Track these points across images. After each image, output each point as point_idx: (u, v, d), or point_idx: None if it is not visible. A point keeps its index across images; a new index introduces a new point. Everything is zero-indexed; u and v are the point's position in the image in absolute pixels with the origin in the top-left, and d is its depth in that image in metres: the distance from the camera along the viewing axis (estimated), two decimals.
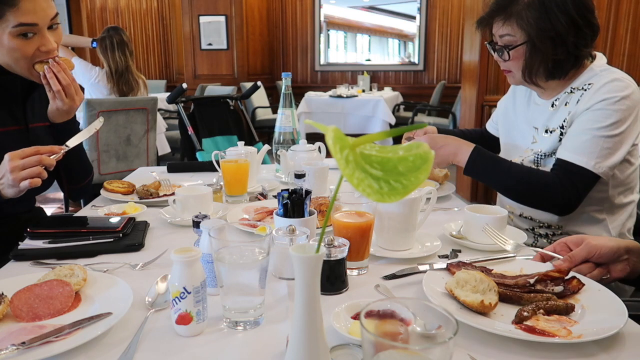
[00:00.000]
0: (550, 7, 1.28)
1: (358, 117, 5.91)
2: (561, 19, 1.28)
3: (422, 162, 0.46)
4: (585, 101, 1.32)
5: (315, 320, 0.58)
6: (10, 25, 1.23)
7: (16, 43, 1.25)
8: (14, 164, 1.13)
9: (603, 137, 1.28)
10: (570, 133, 1.34)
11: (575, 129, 1.33)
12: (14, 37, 1.24)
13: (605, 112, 1.28)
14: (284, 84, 1.87)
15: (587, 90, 1.33)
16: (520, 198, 1.39)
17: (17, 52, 1.26)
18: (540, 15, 1.29)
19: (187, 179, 1.83)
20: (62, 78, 1.32)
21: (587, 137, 1.29)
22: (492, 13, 1.38)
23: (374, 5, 7.81)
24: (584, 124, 1.31)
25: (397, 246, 1.13)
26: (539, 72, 1.37)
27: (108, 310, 0.82)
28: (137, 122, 3.36)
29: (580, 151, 1.29)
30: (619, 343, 0.77)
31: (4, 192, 1.18)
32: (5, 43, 1.25)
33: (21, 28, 1.24)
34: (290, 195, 1.04)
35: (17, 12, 1.22)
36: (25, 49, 1.26)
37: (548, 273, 0.93)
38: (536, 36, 1.31)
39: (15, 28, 1.23)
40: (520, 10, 1.31)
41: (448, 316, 0.54)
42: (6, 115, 1.37)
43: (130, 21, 8.05)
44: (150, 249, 1.17)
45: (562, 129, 1.37)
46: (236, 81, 6.95)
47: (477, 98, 3.99)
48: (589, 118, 1.30)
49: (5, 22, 1.23)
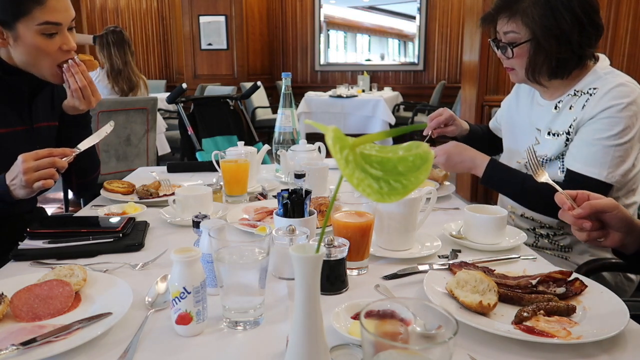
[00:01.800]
0: (556, 5, 1.28)
1: (358, 117, 5.91)
2: (566, 17, 1.28)
3: (422, 162, 0.46)
4: (591, 107, 1.31)
5: (315, 320, 0.58)
6: (36, 23, 1.25)
7: (39, 41, 1.27)
8: (27, 166, 1.13)
9: (613, 147, 1.27)
10: (578, 143, 1.33)
11: (583, 139, 1.32)
12: (38, 34, 1.27)
13: (612, 120, 1.27)
14: (284, 84, 1.87)
15: (593, 95, 1.32)
16: (534, 209, 1.43)
17: (40, 50, 1.28)
18: (546, 13, 1.29)
19: (187, 179, 1.83)
20: (79, 79, 1.36)
21: (597, 148, 1.28)
22: (497, 9, 1.37)
23: (374, 5, 7.81)
24: (593, 134, 1.30)
25: (397, 246, 1.13)
26: (542, 70, 1.36)
27: (108, 310, 0.82)
28: (137, 122, 3.36)
29: (591, 163, 1.29)
30: (620, 344, 0.77)
31: (15, 193, 1.19)
32: (28, 40, 1.27)
33: (46, 26, 1.27)
34: (290, 195, 1.04)
35: (43, 9, 1.25)
36: (48, 47, 1.29)
37: (550, 274, 0.93)
38: (541, 34, 1.30)
39: (41, 26, 1.26)
40: (526, 7, 1.31)
41: (448, 316, 0.54)
42: (13, 115, 1.38)
43: (130, 21, 8.05)
44: (150, 249, 1.17)
45: (567, 135, 1.36)
46: (236, 81, 6.95)
47: (477, 98, 3.99)
48: (597, 127, 1.29)
49: (32, 19, 1.25)
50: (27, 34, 1.26)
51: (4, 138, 1.34)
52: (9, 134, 1.36)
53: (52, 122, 1.50)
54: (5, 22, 1.26)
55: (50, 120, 1.49)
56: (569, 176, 1.33)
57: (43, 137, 1.46)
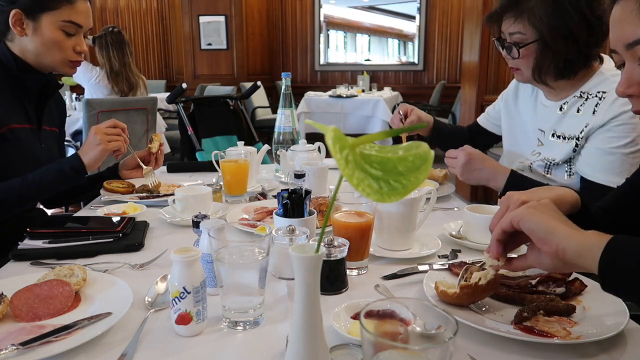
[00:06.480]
0: (563, 4, 1.26)
1: (358, 117, 5.90)
2: (574, 17, 1.26)
3: (421, 162, 0.46)
4: (602, 114, 1.29)
5: (315, 320, 0.58)
6: (61, 19, 1.35)
7: (58, 35, 1.36)
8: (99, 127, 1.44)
9: (630, 155, 1.26)
10: (594, 151, 1.31)
11: (599, 147, 1.30)
12: (59, 30, 1.35)
13: (626, 127, 1.26)
14: (284, 84, 1.87)
15: (602, 99, 1.31)
16: None
17: (56, 45, 1.36)
18: (553, 12, 1.27)
19: (186, 179, 1.83)
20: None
21: (615, 157, 1.27)
22: (503, 8, 1.35)
23: (374, 5, 7.81)
24: (608, 143, 1.28)
25: (397, 246, 1.13)
26: (549, 70, 1.34)
27: (108, 310, 0.82)
28: (136, 122, 3.36)
29: (609, 172, 1.28)
30: (620, 344, 0.77)
31: (88, 157, 1.38)
32: (47, 33, 1.34)
33: (69, 25, 1.36)
34: (290, 195, 1.04)
35: (72, 9, 1.36)
36: (64, 44, 1.38)
37: (550, 274, 0.92)
38: (549, 34, 1.28)
39: (64, 23, 1.35)
40: (533, 6, 1.29)
41: (448, 316, 0.54)
42: (21, 113, 1.42)
43: (130, 21, 8.04)
44: (150, 249, 1.17)
45: (577, 140, 1.34)
46: (236, 81, 6.94)
47: (477, 98, 3.99)
48: (612, 136, 1.28)
49: (58, 14, 1.34)
50: (49, 27, 1.34)
51: (16, 133, 1.37)
52: (20, 130, 1.39)
53: (54, 128, 1.57)
54: (31, 11, 1.32)
55: (53, 126, 1.56)
56: (588, 186, 1.31)
57: (47, 139, 1.51)
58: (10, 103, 1.38)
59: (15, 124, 1.37)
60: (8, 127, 1.34)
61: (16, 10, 1.31)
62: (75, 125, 3.72)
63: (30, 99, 1.44)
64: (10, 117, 1.36)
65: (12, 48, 1.37)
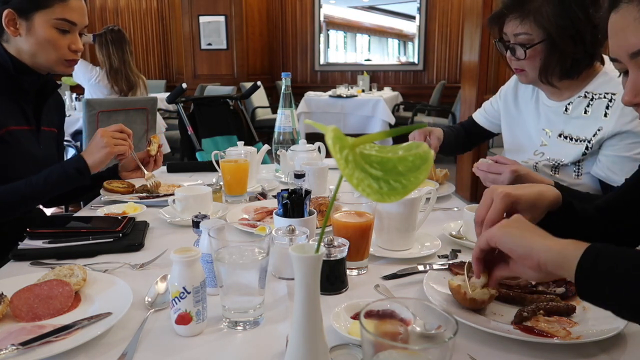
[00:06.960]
0: (569, 4, 1.25)
1: (358, 117, 5.90)
2: (580, 16, 1.25)
3: (421, 162, 0.46)
4: (615, 118, 1.27)
5: (315, 320, 0.58)
6: (54, 17, 1.32)
7: (52, 34, 1.34)
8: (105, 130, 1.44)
9: None
10: (617, 159, 1.29)
11: (621, 155, 1.27)
12: (52, 28, 1.33)
13: None
14: (284, 84, 1.87)
15: (613, 101, 1.29)
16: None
17: (51, 43, 1.34)
18: (560, 12, 1.26)
19: (186, 179, 1.83)
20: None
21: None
22: (508, 8, 1.33)
23: (374, 5, 7.80)
24: (630, 149, 1.26)
25: (396, 246, 1.13)
26: (555, 71, 1.33)
27: (108, 310, 0.82)
28: (136, 122, 3.36)
29: None
30: (619, 344, 0.77)
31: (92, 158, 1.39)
32: (40, 32, 1.32)
33: (63, 22, 1.34)
34: (290, 195, 1.04)
35: (65, 7, 1.33)
36: (59, 42, 1.35)
37: None
38: (556, 34, 1.27)
39: (58, 21, 1.33)
40: (538, 6, 1.27)
41: (448, 316, 0.54)
42: (19, 115, 1.41)
43: (130, 21, 8.04)
44: (150, 249, 1.17)
45: (588, 142, 1.33)
46: (236, 81, 6.94)
47: (477, 98, 3.99)
48: (633, 142, 1.26)
49: (51, 12, 1.32)
50: (42, 26, 1.32)
51: (14, 135, 1.37)
52: (18, 132, 1.39)
53: (52, 129, 1.56)
54: (24, 10, 1.30)
55: (52, 126, 1.55)
56: None
57: (46, 140, 1.51)
58: (8, 105, 1.38)
59: (13, 126, 1.36)
60: (6, 129, 1.34)
61: (8, 10, 1.29)
62: (75, 125, 3.72)
63: (28, 100, 1.44)
64: (8, 119, 1.35)
65: (8, 49, 1.35)
